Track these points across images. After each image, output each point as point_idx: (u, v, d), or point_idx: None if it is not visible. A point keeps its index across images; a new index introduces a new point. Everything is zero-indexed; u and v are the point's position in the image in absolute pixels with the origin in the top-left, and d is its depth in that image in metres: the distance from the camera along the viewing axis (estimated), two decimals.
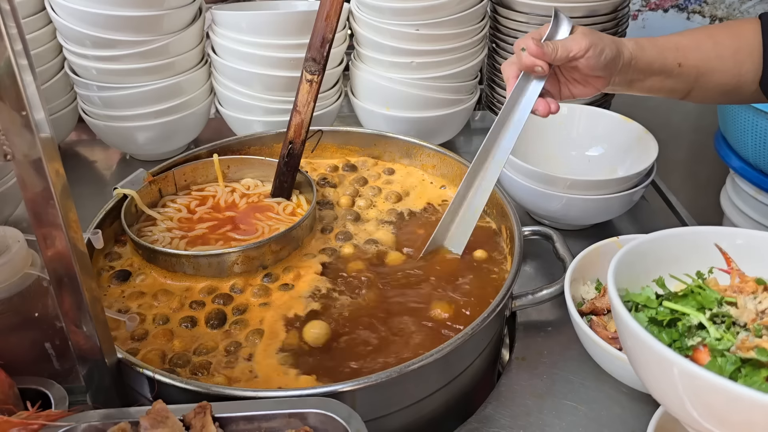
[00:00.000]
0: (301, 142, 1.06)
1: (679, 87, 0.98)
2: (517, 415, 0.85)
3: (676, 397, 0.55)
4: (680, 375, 0.53)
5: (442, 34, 1.29)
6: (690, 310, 0.60)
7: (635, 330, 0.56)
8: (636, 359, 0.60)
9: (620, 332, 0.62)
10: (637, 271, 0.67)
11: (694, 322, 0.60)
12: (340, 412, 0.65)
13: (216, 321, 0.89)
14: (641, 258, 0.67)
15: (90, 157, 1.49)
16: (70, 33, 1.23)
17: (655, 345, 0.54)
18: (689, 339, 0.59)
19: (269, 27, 1.25)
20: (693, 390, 0.53)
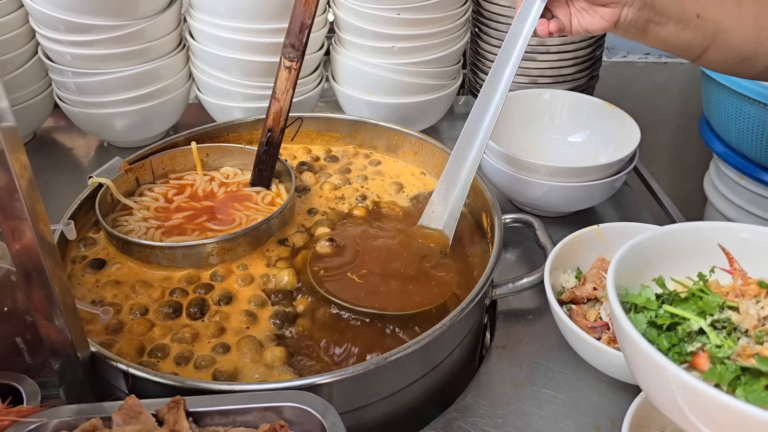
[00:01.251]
0: (281, 130, 1.04)
1: (695, 42, 0.92)
2: (496, 404, 0.85)
3: (674, 405, 0.54)
4: (677, 386, 0.52)
5: (424, 18, 1.27)
6: (691, 315, 0.59)
7: (633, 337, 0.55)
8: (634, 366, 0.59)
9: (619, 338, 0.61)
10: (637, 268, 0.66)
11: (695, 328, 0.59)
12: (316, 406, 0.65)
13: (196, 309, 0.88)
14: (641, 255, 0.66)
15: (67, 143, 1.46)
16: (43, 17, 1.20)
17: (654, 354, 0.53)
18: (689, 344, 0.59)
19: (248, 11, 1.22)
20: (691, 400, 0.52)
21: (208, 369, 0.80)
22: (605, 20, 0.89)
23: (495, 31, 1.39)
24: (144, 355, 0.83)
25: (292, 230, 1.02)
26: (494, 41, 1.40)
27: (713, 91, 1.61)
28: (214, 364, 0.81)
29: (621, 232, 0.98)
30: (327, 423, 0.63)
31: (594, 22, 0.90)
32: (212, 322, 0.87)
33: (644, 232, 0.91)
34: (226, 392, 0.69)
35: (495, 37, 1.39)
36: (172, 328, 0.86)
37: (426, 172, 1.17)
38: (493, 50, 1.41)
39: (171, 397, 0.65)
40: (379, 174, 1.17)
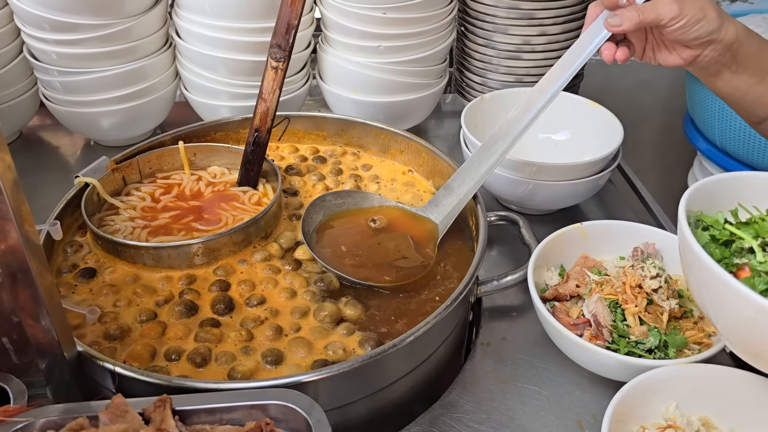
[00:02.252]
0: (267, 130, 1.04)
1: (766, 99, 0.89)
2: (481, 400, 0.86)
3: (711, 300, 0.67)
4: (711, 278, 0.64)
5: (410, 17, 1.28)
6: (745, 235, 0.68)
7: (690, 243, 0.66)
8: (689, 269, 0.70)
9: (680, 247, 0.71)
10: (716, 200, 0.75)
11: (746, 246, 0.68)
12: (301, 403, 0.65)
13: (223, 306, 0.88)
14: (720, 190, 0.75)
15: (54, 142, 1.46)
16: (28, 16, 1.19)
17: (703, 256, 0.64)
18: (737, 258, 0.68)
19: (234, 10, 1.23)
20: (714, 288, 0.65)
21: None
22: (683, 59, 0.87)
23: (481, 30, 1.39)
24: (159, 357, 0.83)
25: (279, 231, 1.02)
26: (480, 40, 1.41)
27: (697, 89, 1.63)
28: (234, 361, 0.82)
29: (603, 230, 0.99)
30: (312, 420, 0.64)
31: (671, 58, 0.88)
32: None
33: (626, 227, 0.94)
34: (213, 390, 0.70)
35: (481, 36, 1.40)
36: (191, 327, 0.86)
37: (413, 170, 1.18)
38: (479, 49, 1.42)
39: (157, 396, 0.66)
40: (370, 174, 1.18)
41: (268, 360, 0.81)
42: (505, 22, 1.35)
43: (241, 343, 0.83)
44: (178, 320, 0.87)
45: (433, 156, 1.13)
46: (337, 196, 1.04)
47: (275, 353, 0.82)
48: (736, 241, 0.69)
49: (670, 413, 0.77)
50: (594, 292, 0.88)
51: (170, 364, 0.81)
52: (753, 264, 0.66)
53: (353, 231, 1.01)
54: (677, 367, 0.78)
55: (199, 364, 0.80)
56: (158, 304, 0.89)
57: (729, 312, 0.66)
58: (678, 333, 0.84)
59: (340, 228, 1.01)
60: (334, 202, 1.04)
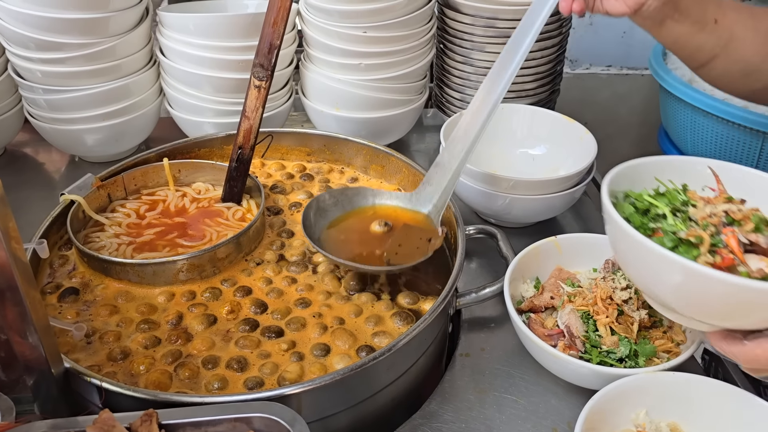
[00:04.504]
0: (251, 147, 1.07)
1: (707, 46, 0.94)
2: (460, 409, 0.88)
3: (626, 257, 0.78)
4: (629, 241, 0.73)
5: (390, 36, 1.31)
6: (659, 203, 0.78)
7: (610, 211, 0.76)
8: (612, 236, 0.80)
9: (604, 217, 0.79)
10: (641, 179, 0.84)
11: (660, 213, 0.77)
12: (284, 416, 0.68)
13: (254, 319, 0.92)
14: (645, 171, 0.85)
15: (38, 159, 1.47)
16: (13, 36, 1.21)
17: (619, 220, 0.74)
18: (653, 223, 0.77)
19: (217, 29, 1.25)
20: (636, 251, 0.73)
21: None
22: (628, 6, 0.90)
23: (459, 48, 1.43)
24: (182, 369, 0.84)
25: (263, 247, 1.04)
26: (458, 57, 1.44)
27: (670, 103, 1.67)
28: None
29: (577, 243, 1.03)
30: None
31: (617, 6, 0.91)
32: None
33: (599, 240, 0.98)
34: (198, 404, 0.72)
35: (459, 53, 1.44)
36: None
37: (401, 188, 1.20)
38: (458, 66, 1.45)
39: (144, 411, 0.68)
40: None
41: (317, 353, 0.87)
42: (482, 40, 1.39)
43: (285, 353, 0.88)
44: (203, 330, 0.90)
45: (413, 171, 1.16)
46: (332, 195, 1.05)
47: (323, 347, 0.88)
48: (652, 209, 0.78)
49: (640, 420, 0.80)
50: (567, 304, 0.91)
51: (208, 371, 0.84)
52: (664, 227, 0.76)
53: (359, 238, 1.03)
54: (646, 376, 0.81)
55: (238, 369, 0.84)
56: (172, 323, 0.91)
57: (641, 266, 0.75)
58: (647, 342, 0.87)
59: (345, 234, 1.03)
60: (329, 202, 1.05)
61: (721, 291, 0.66)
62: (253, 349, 0.87)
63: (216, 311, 0.93)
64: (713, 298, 0.68)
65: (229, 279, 0.98)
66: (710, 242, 0.71)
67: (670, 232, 0.74)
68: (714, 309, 0.69)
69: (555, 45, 1.43)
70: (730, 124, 1.50)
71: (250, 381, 0.82)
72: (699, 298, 0.70)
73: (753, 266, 0.68)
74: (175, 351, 0.86)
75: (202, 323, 0.90)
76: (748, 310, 0.66)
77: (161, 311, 0.92)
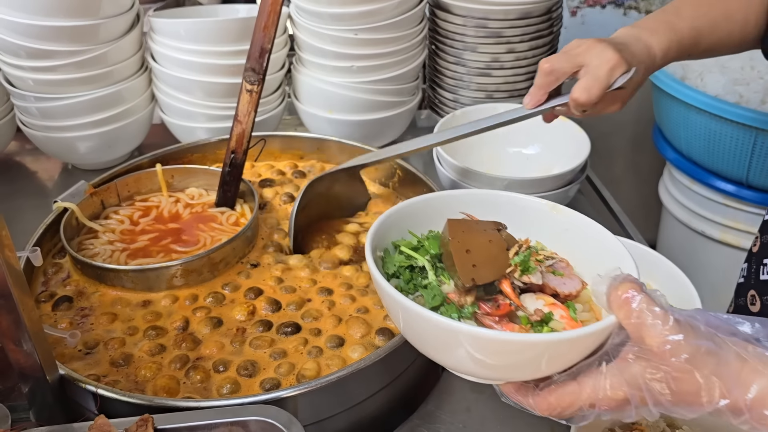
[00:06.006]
0: (243, 151, 1.07)
1: (679, 60, 0.96)
2: (457, 410, 0.88)
3: (396, 321, 0.65)
4: (389, 301, 0.62)
5: (382, 38, 1.31)
6: (418, 255, 0.67)
7: (370, 265, 0.64)
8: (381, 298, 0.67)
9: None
10: (407, 227, 0.72)
11: (420, 265, 0.66)
12: (280, 419, 0.68)
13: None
14: (405, 218, 0.72)
15: (31, 167, 1.47)
16: (4, 44, 1.21)
17: (376, 275, 0.62)
18: (423, 279, 0.66)
19: (208, 34, 1.25)
20: (394, 311, 0.63)
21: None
22: (620, 104, 0.92)
23: (451, 48, 1.43)
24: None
25: (257, 251, 1.04)
26: (451, 58, 1.44)
27: (663, 101, 1.68)
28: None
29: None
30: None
31: (611, 108, 0.93)
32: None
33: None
34: (193, 409, 0.72)
35: (451, 54, 1.44)
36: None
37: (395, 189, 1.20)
38: (450, 66, 1.45)
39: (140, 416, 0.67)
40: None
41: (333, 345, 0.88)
42: (474, 40, 1.39)
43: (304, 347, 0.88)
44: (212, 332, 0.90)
45: (407, 173, 1.16)
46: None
47: (338, 339, 0.88)
48: (415, 264, 0.67)
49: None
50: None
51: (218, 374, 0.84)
52: (429, 283, 0.65)
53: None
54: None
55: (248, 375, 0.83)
56: (180, 329, 0.90)
57: (411, 329, 0.64)
58: None
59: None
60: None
61: (502, 349, 0.57)
62: (267, 348, 0.87)
63: (225, 315, 0.92)
64: (497, 357, 0.59)
65: (230, 283, 0.97)
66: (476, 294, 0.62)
67: (433, 286, 0.64)
68: (500, 367, 0.61)
69: (546, 44, 1.44)
70: (723, 120, 1.51)
71: (266, 382, 0.82)
72: (479, 359, 0.59)
73: (530, 307, 0.62)
74: (182, 356, 0.85)
75: (207, 327, 0.90)
76: (534, 361, 0.58)
77: (166, 316, 0.92)
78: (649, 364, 0.53)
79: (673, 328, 0.52)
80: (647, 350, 0.53)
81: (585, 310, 0.65)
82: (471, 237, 0.64)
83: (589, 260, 0.67)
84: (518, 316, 0.62)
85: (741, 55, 1.63)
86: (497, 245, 0.65)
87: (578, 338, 0.56)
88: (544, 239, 0.72)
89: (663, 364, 0.52)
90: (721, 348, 0.52)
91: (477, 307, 0.62)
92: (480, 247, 0.64)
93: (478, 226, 0.67)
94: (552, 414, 0.59)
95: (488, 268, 0.62)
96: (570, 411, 0.57)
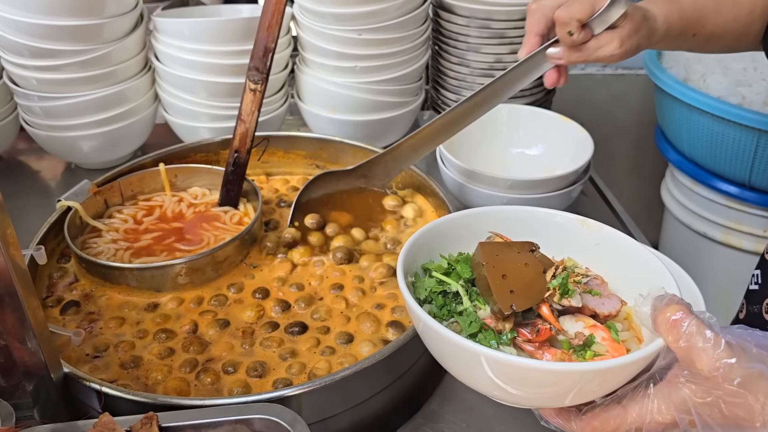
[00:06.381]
0: (247, 151, 1.07)
1: (683, 47, 0.96)
2: (460, 410, 0.88)
3: (432, 349, 0.64)
4: (423, 328, 0.61)
5: (385, 38, 1.31)
6: (451, 280, 0.65)
7: (402, 291, 0.63)
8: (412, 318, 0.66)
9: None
10: (433, 248, 0.71)
11: (454, 290, 0.65)
12: (285, 417, 0.67)
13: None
14: (434, 239, 0.71)
15: (34, 166, 1.47)
16: (8, 43, 1.21)
17: (409, 301, 0.61)
18: (457, 305, 0.64)
19: (212, 34, 1.25)
20: (431, 340, 0.62)
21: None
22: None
23: (454, 49, 1.43)
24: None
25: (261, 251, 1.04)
26: (454, 59, 1.44)
27: (665, 102, 1.68)
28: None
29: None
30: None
31: (609, 50, 0.88)
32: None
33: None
34: (198, 407, 0.72)
35: (454, 54, 1.44)
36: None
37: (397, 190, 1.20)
38: (453, 67, 1.46)
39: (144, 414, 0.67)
40: None
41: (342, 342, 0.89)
42: (477, 41, 1.40)
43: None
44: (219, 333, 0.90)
45: (410, 173, 1.16)
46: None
47: (347, 337, 0.90)
48: (448, 288, 0.65)
49: None
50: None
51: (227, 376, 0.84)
52: (465, 308, 0.64)
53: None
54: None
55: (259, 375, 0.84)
56: (190, 331, 0.90)
57: (449, 358, 0.63)
58: None
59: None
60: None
61: (550, 380, 0.56)
62: (276, 348, 0.87)
63: (232, 316, 0.92)
64: (545, 387, 0.58)
65: (235, 284, 0.97)
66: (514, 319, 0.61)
67: (470, 312, 0.61)
68: (546, 396, 0.60)
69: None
70: (725, 121, 1.51)
71: (279, 382, 0.82)
72: (521, 388, 0.59)
73: (570, 331, 0.60)
74: (191, 359, 0.85)
75: (214, 328, 0.90)
76: (582, 388, 0.56)
77: (174, 319, 0.92)
78: (699, 388, 0.52)
79: (724, 352, 0.51)
80: (697, 374, 0.52)
81: (624, 329, 0.63)
82: (505, 261, 0.62)
83: (623, 275, 0.66)
84: (559, 340, 0.60)
85: (744, 57, 1.65)
86: (534, 268, 0.62)
87: (628, 364, 0.55)
88: (574, 254, 0.70)
89: (714, 389, 0.51)
90: None
91: (516, 333, 0.60)
92: (516, 271, 0.61)
93: (511, 248, 0.64)
94: None
95: (526, 294, 0.60)
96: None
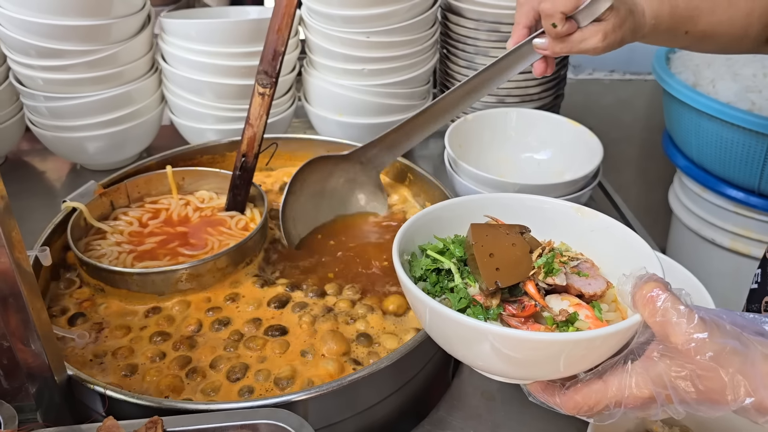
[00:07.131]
0: (254, 155, 1.06)
1: (677, 45, 0.95)
2: (468, 416, 0.87)
3: (424, 323, 0.65)
4: (416, 303, 0.63)
5: (393, 41, 1.30)
6: (444, 258, 0.67)
7: (397, 269, 0.64)
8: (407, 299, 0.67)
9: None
10: (429, 231, 0.72)
11: (446, 268, 0.67)
12: (291, 422, 0.67)
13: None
14: (431, 222, 0.72)
15: (40, 167, 1.46)
16: (14, 43, 1.21)
17: (402, 277, 0.63)
18: (450, 282, 0.67)
19: (219, 35, 1.25)
20: (422, 313, 0.63)
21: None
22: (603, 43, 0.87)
23: (462, 53, 1.43)
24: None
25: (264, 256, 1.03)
26: (462, 62, 1.44)
27: (674, 107, 1.67)
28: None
29: None
30: None
31: (593, 42, 0.87)
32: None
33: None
34: (203, 411, 0.71)
35: (463, 58, 1.43)
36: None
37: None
38: (461, 71, 1.45)
39: (149, 418, 0.66)
40: None
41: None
42: (486, 44, 1.39)
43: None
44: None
45: (417, 176, 1.15)
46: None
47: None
48: (442, 267, 0.68)
49: (652, 422, 0.78)
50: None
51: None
52: (456, 285, 0.66)
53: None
54: None
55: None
56: (196, 332, 0.90)
57: (441, 332, 0.64)
58: None
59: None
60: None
61: (527, 348, 0.58)
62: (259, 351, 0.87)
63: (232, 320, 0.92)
64: (522, 356, 0.59)
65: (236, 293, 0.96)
66: (501, 296, 0.63)
67: (460, 288, 0.64)
68: (526, 366, 0.61)
69: None
70: (734, 127, 1.49)
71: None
72: (505, 358, 0.60)
73: (555, 308, 0.63)
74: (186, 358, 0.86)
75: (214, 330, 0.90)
76: (560, 360, 0.58)
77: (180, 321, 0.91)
78: (674, 362, 0.53)
79: (698, 326, 0.52)
80: (672, 348, 0.53)
81: (611, 310, 0.65)
82: (494, 241, 0.65)
83: (615, 260, 0.68)
84: (543, 316, 0.62)
85: (753, 63, 1.64)
86: (520, 248, 0.65)
87: (603, 336, 0.57)
88: (569, 241, 0.72)
89: (688, 363, 0.52)
90: (747, 347, 0.52)
91: (503, 309, 0.62)
92: (503, 250, 0.64)
93: (501, 230, 0.67)
94: (578, 413, 0.60)
95: (511, 271, 0.63)
96: (596, 409, 0.58)
